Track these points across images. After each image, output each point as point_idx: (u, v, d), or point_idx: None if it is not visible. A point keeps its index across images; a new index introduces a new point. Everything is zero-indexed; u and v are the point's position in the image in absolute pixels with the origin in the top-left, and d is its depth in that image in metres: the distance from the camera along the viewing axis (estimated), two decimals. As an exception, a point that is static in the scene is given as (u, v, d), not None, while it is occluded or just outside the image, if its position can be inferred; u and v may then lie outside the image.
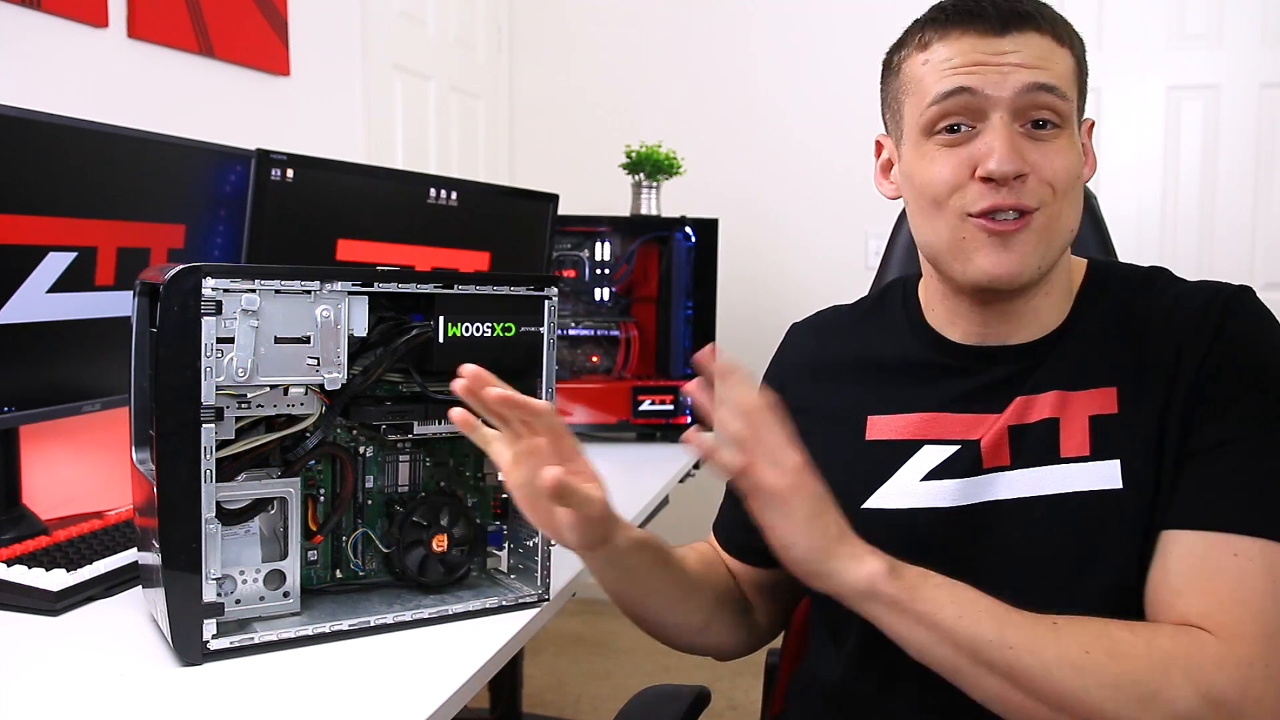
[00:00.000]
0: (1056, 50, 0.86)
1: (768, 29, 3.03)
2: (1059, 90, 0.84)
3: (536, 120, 3.23)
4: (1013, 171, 0.83)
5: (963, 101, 0.85)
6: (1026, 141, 0.84)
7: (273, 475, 0.96)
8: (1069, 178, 0.85)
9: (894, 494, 0.90)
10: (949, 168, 0.86)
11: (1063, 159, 0.85)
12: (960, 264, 0.87)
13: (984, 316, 0.92)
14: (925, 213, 0.89)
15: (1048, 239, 0.85)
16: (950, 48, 0.86)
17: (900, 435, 0.92)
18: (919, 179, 0.89)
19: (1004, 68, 0.84)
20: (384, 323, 0.99)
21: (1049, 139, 0.85)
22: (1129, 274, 0.95)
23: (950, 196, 0.86)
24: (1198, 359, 0.84)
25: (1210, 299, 0.88)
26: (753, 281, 2.96)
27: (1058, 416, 0.87)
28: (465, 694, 0.87)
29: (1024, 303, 0.90)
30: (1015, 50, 0.84)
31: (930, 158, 0.87)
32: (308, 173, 1.50)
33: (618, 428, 2.16)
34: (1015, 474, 0.87)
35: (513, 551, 1.12)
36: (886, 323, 1.01)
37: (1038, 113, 0.84)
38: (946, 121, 0.86)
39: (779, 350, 1.09)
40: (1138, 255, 2.78)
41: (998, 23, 0.85)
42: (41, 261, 1.18)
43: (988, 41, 0.85)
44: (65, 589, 1.02)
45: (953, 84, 0.85)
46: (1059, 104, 0.84)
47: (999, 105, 0.84)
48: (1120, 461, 0.84)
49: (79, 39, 1.56)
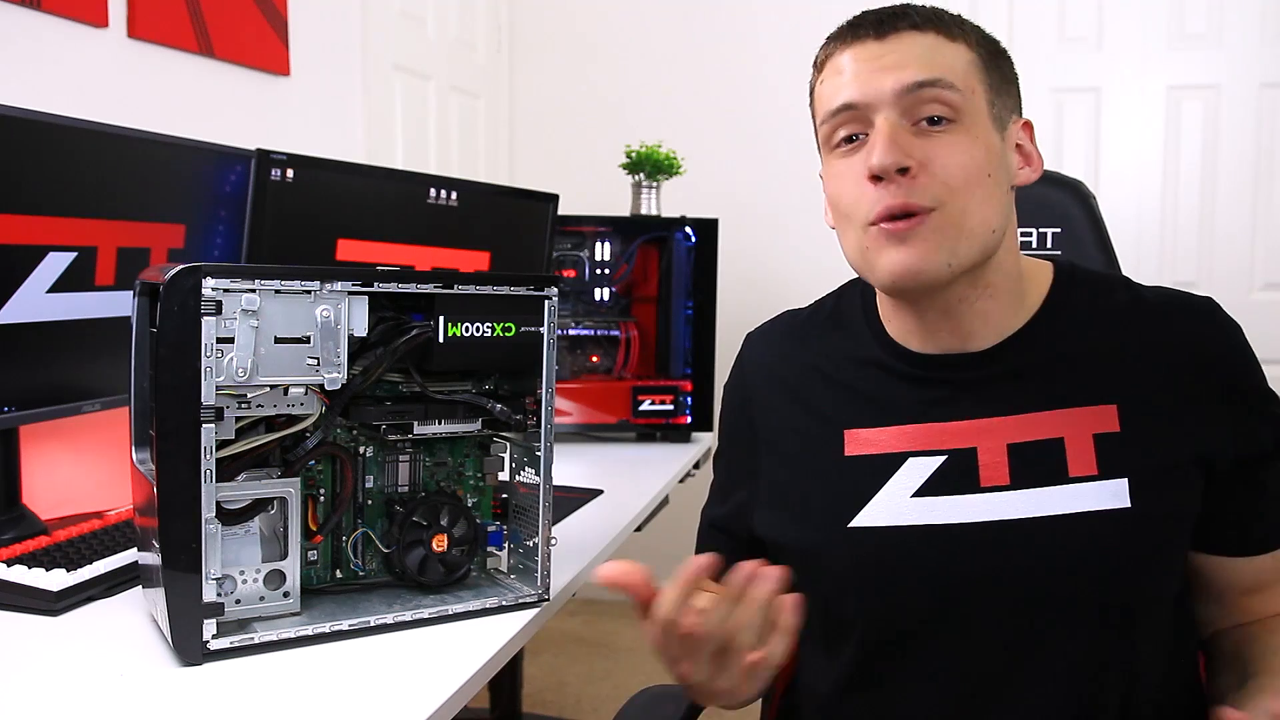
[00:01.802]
0: (945, 46, 0.85)
1: (768, 28, 3.03)
2: (943, 81, 0.83)
3: (536, 120, 3.23)
4: (893, 164, 0.81)
5: (850, 114, 0.85)
6: (915, 138, 0.83)
7: (273, 475, 0.96)
8: (965, 173, 0.82)
9: (882, 511, 0.88)
10: (849, 178, 0.86)
11: (957, 153, 0.82)
12: (872, 270, 0.86)
13: (927, 324, 0.90)
14: (842, 228, 0.89)
15: (954, 236, 0.83)
16: (837, 63, 0.88)
17: (882, 449, 0.90)
18: (831, 195, 0.90)
19: (880, 71, 0.84)
20: (384, 323, 0.99)
21: (940, 134, 0.83)
22: (1093, 278, 0.95)
23: (853, 207, 0.86)
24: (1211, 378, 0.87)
25: (1206, 317, 0.90)
26: (753, 281, 2.96)
27: (1062, 436, 0.86)
28: (465, 694, 0.87)
29: (968, 306, 0.88)
30: (893, 52, 0.85)
31: (834, 172, 0.89)
32: (308, 173, 1.50)
33: (618, 428, 2.16)
34: (1019, 494, 0.85)
35: (513, 551, 1.12)
36: (849, 331, 0.97)
37: (926, 108, 0.83)
38: (841, 133, 0.87)
39: (738, 363, 1.04)
40: (1137, 255, 2.80)
41: (874, 30, 0.86)
42: (41, 261, 1.18)
43: (867, 49, 0.86)
44: (65, 589, 1.02)
45: (839, 100, 0.86)
46: (947, 96, 0.83)
47: (880, 107, 0.84)
48: (1128, 480, 0.84)
49: (79, 39, 1.56)
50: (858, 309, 0.98)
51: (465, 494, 1.11)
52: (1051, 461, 0.86)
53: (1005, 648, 0.85)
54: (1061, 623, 0.84)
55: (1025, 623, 0.85)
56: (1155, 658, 0.87)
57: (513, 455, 1.11)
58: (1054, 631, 0.84)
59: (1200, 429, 0.86)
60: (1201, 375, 0.87)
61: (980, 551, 0.85)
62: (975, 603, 0.85)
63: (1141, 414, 0.86)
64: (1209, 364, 0.87)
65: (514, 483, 1.11)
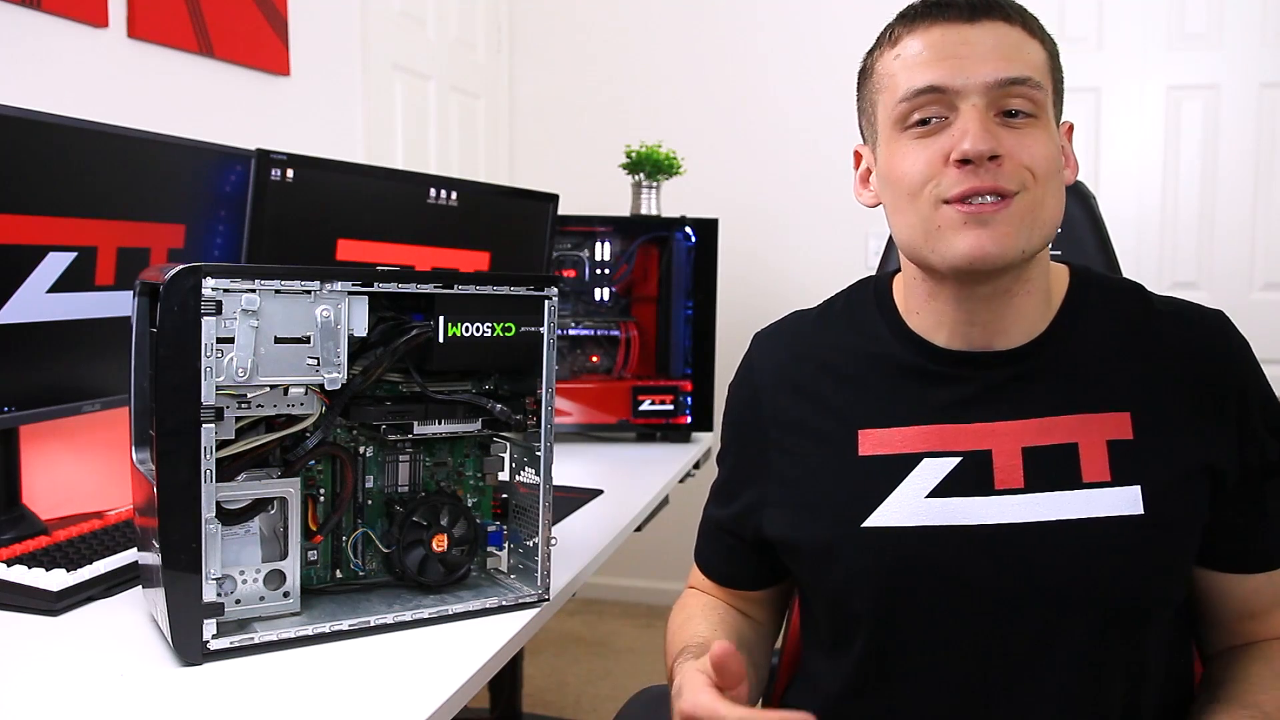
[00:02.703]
0: (1028, 41, 0.85)
1: (768, 28, 3.03)
2: (1032, 80, 0.83)
3: (536, 120, 3.23)
4: (987, 151, 0.81)
5: (935, 96, 0.84)
6: (1001, 129, 0.83)
7: (273, 475, 0.96)
8: (1048, 164, 0.84)
9: (897, 512, 0.88)
10: (922, 159, 0.85)
11: (1040, 145, 0.84)
12: (940, 250, 0.85)
13: (969, 315, 0.89)
14: (901, 206, 0.88)
15: (1030, 223, 0.83)
16: (919, 40, 0.86)
17: (897, 449, 0.90)
18: (895, 173, 0.87)
19: (974, 59, 0.83)
20: (384, 323, 0.99)
21: (1024, 126, 0.84)
22: (1109, 285, 0.95)
23: (925, 186, 0.85)
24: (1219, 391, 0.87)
25: (1220, 331, 0.90)
26: (753, 281, 2.96)
27: (1076, 441, 0.86)
28: (465, 694, 0.87)
29: (1008, 300, 0.88)
30: (984, 40, 0.84)
31: (904, 151, 0.86)
32: (308, 173, 1.50)
33: (618, 428, 2.16)
34: (1032, 497, 0.86)
35: (513, 551, 1.12)
36: (863, 330, 0.97)
37: (1010, 102, 0.83)
38: (919, 115, 0.85)
39: (746, 363, 1.03)
40: (1137, 255, 2.80)
41: (966, 11, 0.85)
42: (41, 261, 1.18)
43: (957, 31, 0.85)
44: (65, 589, 1.02)
45: (923, 81, 0.84)
46: (1033, 94, 0.83)
47: (970, 94, 0.83)
48: (1141, 488, 0.85)
49: (79, 39, 1.56)
50: (871, 307, 0.98)
51: (465, 494, 1.11)
52: (1065, 466, 0.86)
53: (1013, 650, 0.85)
54: (1071, 626, 0.84)
55: (1034, 626, 0.85)
56: (1160, 660, 0.88)
57: (513, 455, 1.11)
58: (1063, 635, 0.84)
59: (1209, 440, 0.86)
60: (1210, 387, 0.87)
61: (993, 553, 0.85)
62: (986, 604, 0.85)
63: (1154, 422, 0.87)
64: (1218, 377, 0.88)
65: (514, 483, 1.11)
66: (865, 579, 0.89)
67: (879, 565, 0.88)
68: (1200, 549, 0.88)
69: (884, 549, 0.88)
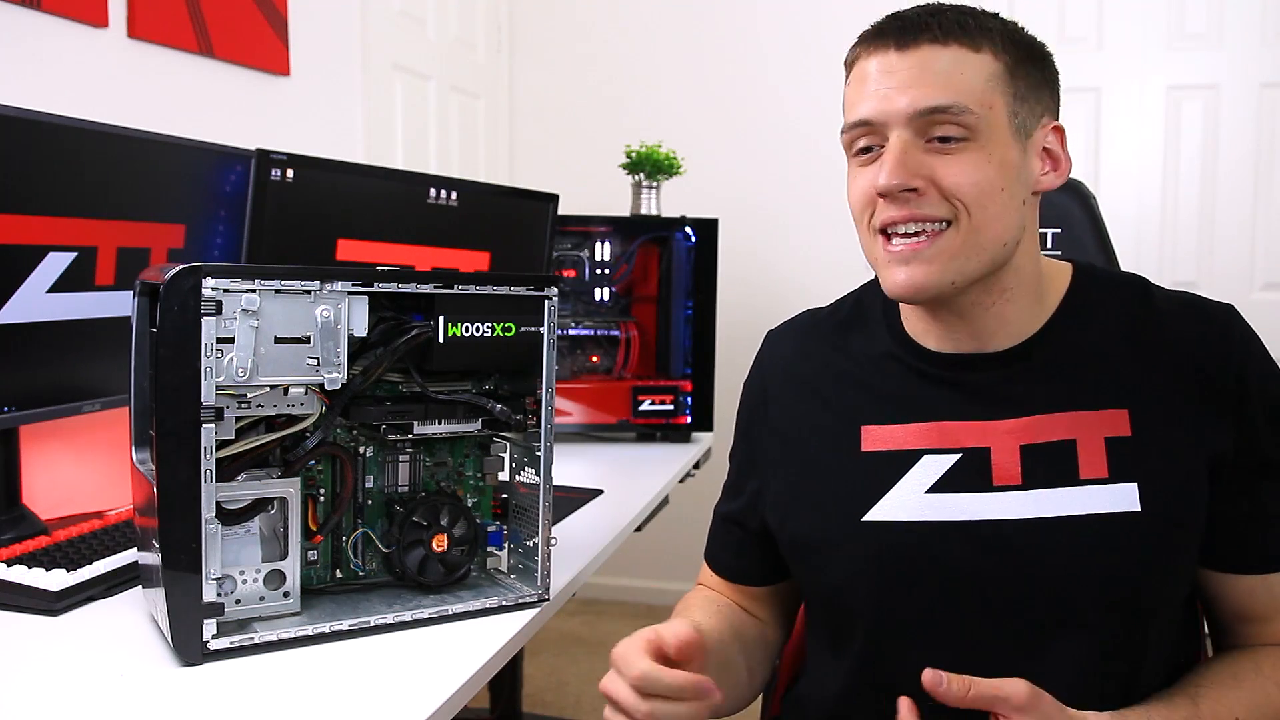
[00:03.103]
0: (967, 59, 0.84)
1: (768, 28, 3.03)
2: (955, 106, 0.83)
3: (536, 120, 3.23)
4: (898, 185, 0.83)
5: (867, 128, 0.87)
6: (928, 155, 0.84)
7: (273, 475, 0.96)
8: (977, 189, 0.83)
9: (896, 506, 0.89)
10: (861, 188, 0.88)
11: (967, 172, 0.83)
12: (881, 279, 0.89)
13: (945, 326, 0.91)
14: (857, 229, 0.91)
15: (964, 253, 0.84)
16: (861, 71, 0.88)
17: (898, 445, 0.91)
18: (848, 198, 0.91)
19: (897, 89, 0.84)
20: (384, 323, 0.99)
21: (953, 152, 0.84)
22: (1112, 280, 0.95)
23: (865, 214, 0.88)
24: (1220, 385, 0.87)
25: (1223, 325, 0.89)
26: (753, 281, 2.96)
27: (1074, 438, 0.87)
28: (465, 694, 0.87)
29: (983, 311, 0.89)
30: (910, 68, 0.84)
31: (851, 177, 0.90)
32: (308, 173, 1.50)
33: (618, 428, 2.16)
34: (1030, 494, 0.86)
35: (513, 551, 1.12)
36: (868, 330, 0.99)
37: (938, 129, 0.84)
38: (859, 144, 0.88)
39: (759, 359, 1.06)
40: (1137, 255, 2.80)
41: (896, 41, 0.86)
42: (41, 261, 1.18)
43: (887, 59, 0.86)
44: (65, 589, 1.02)
45: (855, 115, 0.87)
46: (960, 118, 0.83)
47: (894, 125, 0.84)
48: (1138, 484, 0.85)
49: (79, 39, 1.56)
50: (877, 308, 0.99)
51: (465, 494, 1.11)
52: (1063, 463, 0.86)
53: (1011, 646, 0.86)
54: (1068, 622, 0.85)
55: (1032, 621, 0.85)
56: (1163, 657, 0.88)
57: (513, 455, 1.11)
58: (1060, 631, 0.85)
59: (1208, 435, 0.86)
60: (1209, 380, 0.87)
61: (991, 549, 0.86)
62: (984, 600, 0.86)
63: (1153, 420, 0.87)
64: (1216, 368, 0.87)
65: (514, 483, 1.11)
66: (864, 573, 0.90)
67: (878, 559, 0.89)
68: (1201, 547, 0.88)
69: (883, 543, 0.89)
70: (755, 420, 1.03)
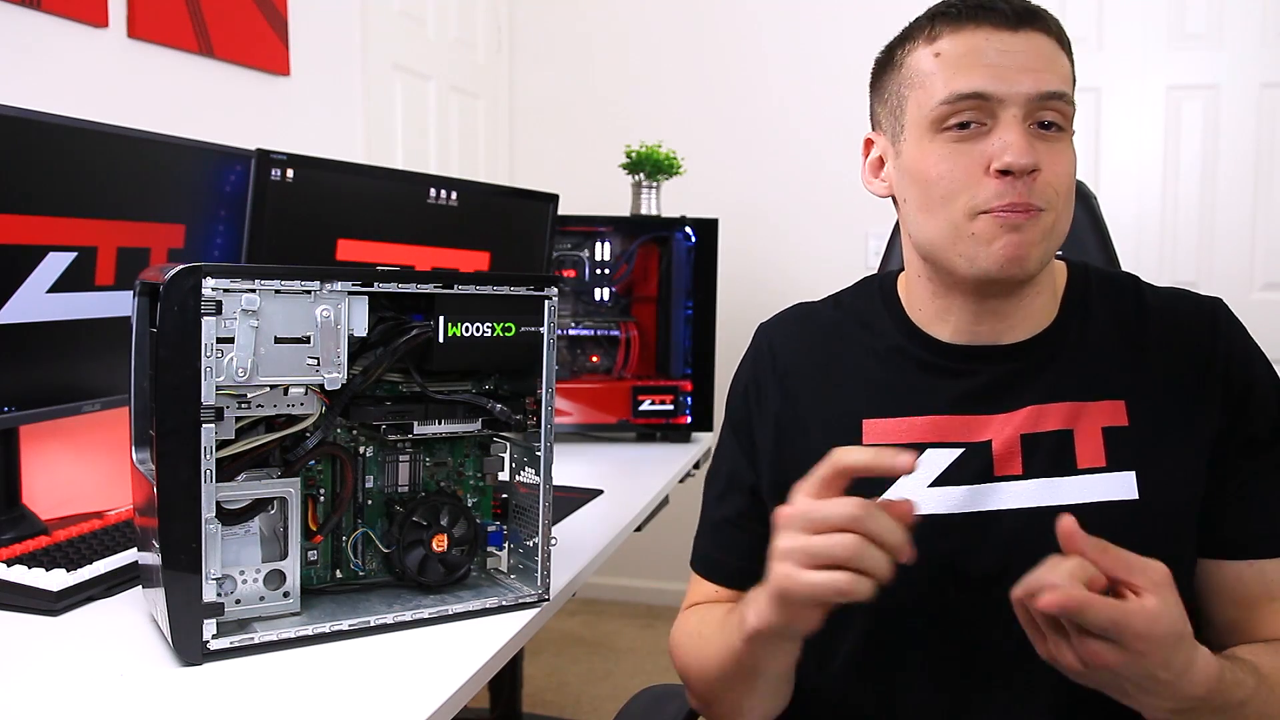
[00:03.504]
0: (1060, 54, 0.87)
1: (768, 29, 3.03)
2: (1066, 95, 0.85)
3: (536, 120, 3.23)
4: (1030, 165, 0.82)
5: (977, 102, 0.84)
6: (1037, 141, 0.84)
7: (273, 475, 0.96)
8: (1069, 180, 0.86)
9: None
10: (960, 165, 0.85)
11: (1067, 161, 0.86)
12: (969, 254, 0.85)
13: (978, 314, 0.91)
14: (930, 208, 0.87)
15: (1050, 239, 0.86)
16: (963, 42, 0.85)
17: (901, 439, 0.91)
18: (929, 174, 0.87)
19: (1016, 68, 0.84)
20: (384, 323, 0.99)
21: (1055, 140, 0.85)
22: (1105, 277, 0.97)
23: (961, 193, 0.85)
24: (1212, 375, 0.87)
25: (1209, 316, 0.91)
26: (753, 281, 2.96)
27: (1071, 428, 0.88)
28: (465, 694, 0.87)
29: (1017, 301, 0.91)
30: (1026, 50, 0.84)
31: (939, 154, 0.86)
32: (308, 173, 1.50)
33: (618, 428, 2.16)
34: (1028, 483, 0.87)
35: (513, 551, 1.12)
36: (869, 324, 0.98)
37: (1046, 115, 0.84)
38: (958, 119, 0.85)
39: (751, 352, 1.04)
40: (1137, 255, 2.80)
41: (1011, 19, 0.85)
42: (41, 261, 1.18)
43: (1000, 37, 0.84)
44: (65, 589, 1.02)
45: (967, 86, 0.84)
46: (1065, 108, 0.85)
47: (1012, 104, 0.83)
48: (1135, 473, 0.86)
49: (79, 39, 1.56)
50: (877, 302, 0.99)
51: (465, 494, 1.11)
52: (1061, 453, 0.87)
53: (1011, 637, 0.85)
54: None
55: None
56: None
57: (513, 455, 1.11)
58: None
59: (1203, 424, 0.87)
60: (1197, 369, 0.89)
61: (993, 539, 0.86)
62: (984, 590, 0.86)
63: (1149, 410, 0.88)
64: (1203, 356, 0.89)
65: (514, 483, 1.11)
66: None
67: None
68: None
69: None
70: (750, 413, 1.01)
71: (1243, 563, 0.88)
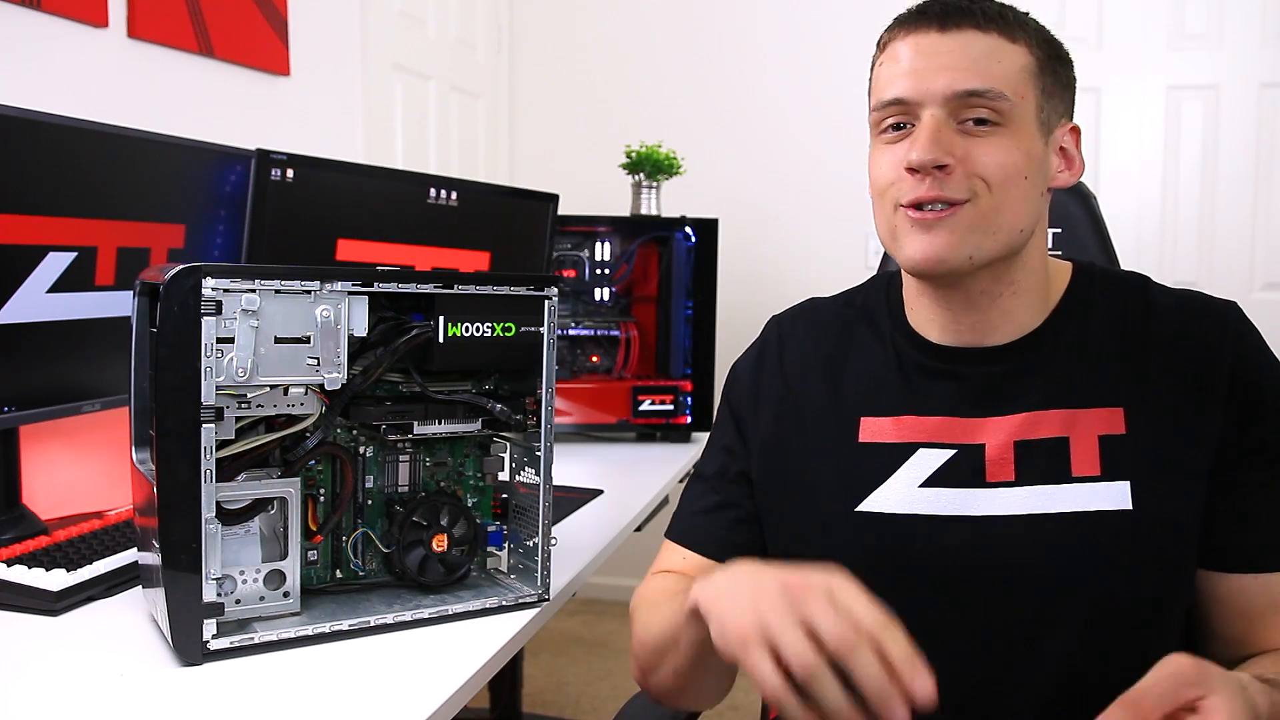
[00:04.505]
0: (1004, 48, 0.86)
1: (768, 29, 3.03)
2: (992, 92, 0.84)
3: (536, 120, 3.23)
4: (930, 161, 0.83)
5: (900, 107, 0.87)
6: (958, 136, 0.85)
7: (273, 475, 0.96)
8: (1003, 173, 0.84)
9: (891, 498, 0.90)
10: (887, 163, 0.88)
11: (995, 154, 0.84)
12: (898, 251, 0.89)
13: (951, 313, 0.92)
14: (874, 205, 0.91)
15: (981, 230, 0.85)
16: (897, 50, 0.89)
17: (895, 438, 0.91)
18: (871, 175, 0.91)
19: (935, 69, 0.85)
20: (384, 323, 0.99)
21: (983, 135, 0.85)
22: (1112, 278, 0.95)
23: (888, 190, 0.88)
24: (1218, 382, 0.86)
25: (1218, 320, 0.89)
26: (753, 281, 2.96)
27: (1067, 435, 0.87)
28: (465, 694, 0.87)
29: (991, 300, 0.90)
30: (951, 50, 0.85)
31: (877, 155, 0.90)
32: (308, 173, 1.50)
33: (618, 428, 2.16)
34: (1022, 490, 0.86)
35: (513, 551, 1.12)
36: (872, 323, 0.99)
37: (973, 111, 0.85)
38: (889, 121, 0.89)
39: (760, 344, 1.05)
40: (1137, 255, 2.80)
41: (938, 21, 0.86)
42: (41, 261, 1.18)
43: (928, 40, 0.86)
44: (65, 589, 1.02)
45: (890, 94, 0.87)
46: (995, 104, 0.84)
47: (929, 104, 0.85)
48: (1130, 483, 0.85)
49: (79, 39, 1.56)
50: (881, 300, 1.00)
51: (465, 494, 1.11)
52: (1056, 460, 0.86)
53: (1002, 643, 0.85)
54: (1056, 619, 0.84)
55: (1023, 618, 0.85)
56: None
57: (513, 455, 1.11)
58: (1049, 629, 0.84)
59: (1206, 434, 0.86)
60: (1202, 376, 0.87)
61: (982, 544, 0.86)
62: (973, 595, 0.86)
63: (1148, 419, 0.86)
64: (1209, 364, 0.87)
65: (514, 483, 1.11)
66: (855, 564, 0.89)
67: (869, 550, 0.89)
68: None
69: (874, 534, 0.89)
70: (750, 400, 1.01)
71: (1247, 575, 0.86)
